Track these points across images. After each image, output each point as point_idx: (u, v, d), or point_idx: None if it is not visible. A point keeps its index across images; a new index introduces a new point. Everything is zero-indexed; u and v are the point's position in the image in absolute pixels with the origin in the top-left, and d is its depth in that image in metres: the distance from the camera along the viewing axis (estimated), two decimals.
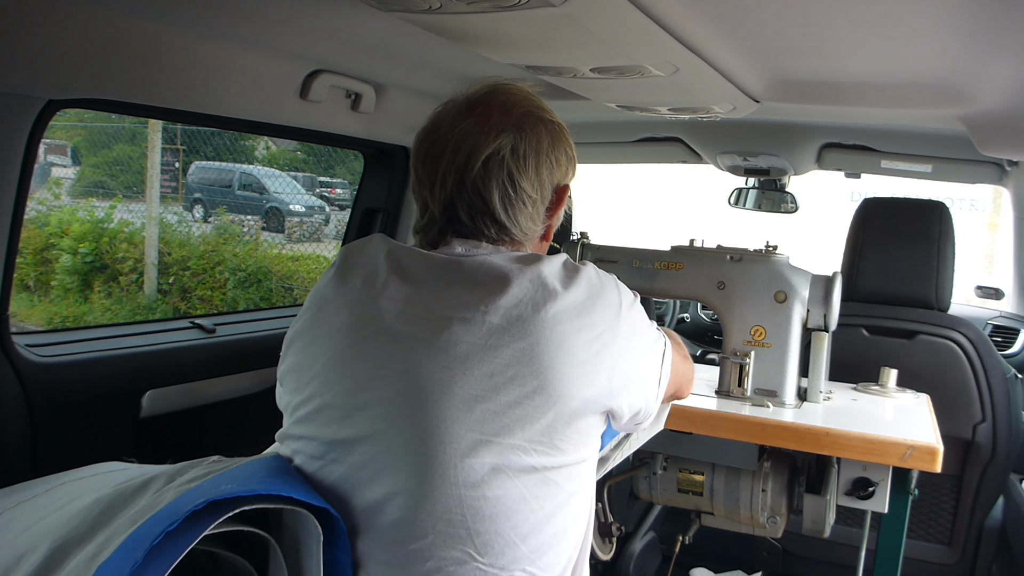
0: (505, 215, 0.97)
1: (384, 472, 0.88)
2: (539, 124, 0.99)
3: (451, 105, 1.00)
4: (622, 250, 1.69)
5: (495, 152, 0.95)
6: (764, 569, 2.31)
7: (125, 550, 0.72)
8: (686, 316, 3.18)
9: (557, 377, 0.88)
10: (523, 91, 1.02)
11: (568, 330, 0.89)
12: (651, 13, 1.14)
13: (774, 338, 1.57)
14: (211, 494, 0.77)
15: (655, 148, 2.68)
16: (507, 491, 0.87)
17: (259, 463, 0.92)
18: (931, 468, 1.34)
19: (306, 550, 0.84)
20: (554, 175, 1.01)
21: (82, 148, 9.91)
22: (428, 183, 0.98)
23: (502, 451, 0.87)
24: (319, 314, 0.97)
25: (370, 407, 0.89)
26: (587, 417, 0.92)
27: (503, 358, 0.87)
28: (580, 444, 0.92)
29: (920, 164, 2.43)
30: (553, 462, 0.90)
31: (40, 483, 0.96)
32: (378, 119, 1.99)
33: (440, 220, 0.99)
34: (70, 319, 6.61)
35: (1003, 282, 3.07)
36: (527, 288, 0.90)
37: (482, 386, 0.87)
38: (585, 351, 0.90)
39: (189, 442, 1.78)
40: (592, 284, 0.94)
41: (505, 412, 0.87)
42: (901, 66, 1.49)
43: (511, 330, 0.88)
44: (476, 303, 0.89)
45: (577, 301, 0.91)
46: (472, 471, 0.86)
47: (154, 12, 1.32)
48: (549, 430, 0.88)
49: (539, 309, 0.89)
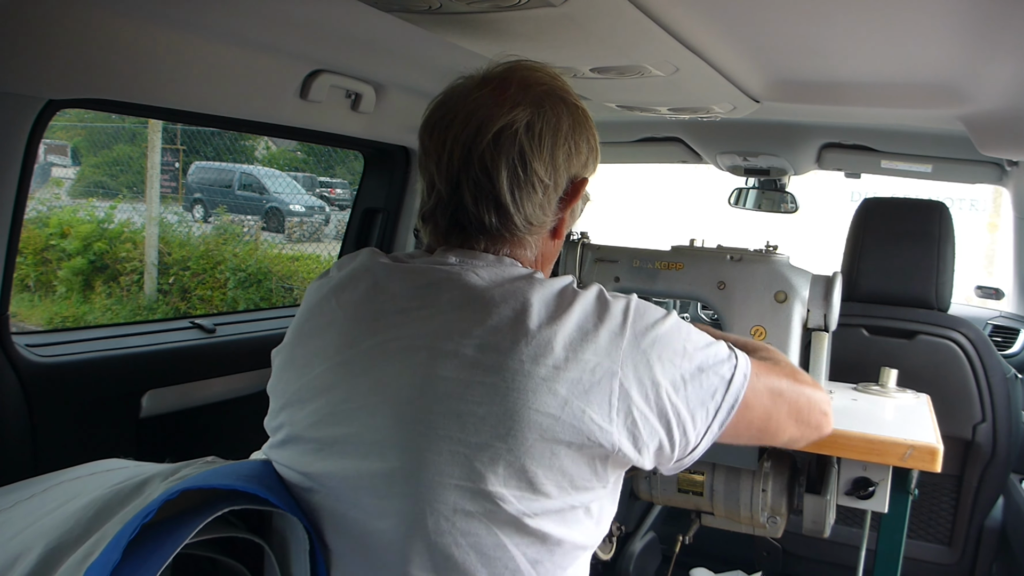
0: (510, 198, 0.87)
1: (358, 512, 0.83)
2: (560, 104, 0.91)
3: (467, 79, 0.93)
4: (622, 250, 1.69)
5: (508, 125, 0.86)
6: (764, 569, 2.31)
7: (107, 550, 0.71)
8: (686, 316, 3.19)
9: (534, 416, 0.78)
10: (548, 71, 0.94)
11: (549, 366, 0.79)
12: (651, 13, 1.14)
13: (774, 338, 1.57)
14: (185, 484, 0.77)
15: (655, 148, 2.68)
16: (483, 538, 0.80)
17: (248, 464, 0.92)
18: (931, 468, 1.34)
19: (294, 556, 0.84)
20: (572, 163, 0.91)
21: (82, 148, 9.91)
22: (435, 154, 0.90)
23: (475, 497, 0.79)
24: (298, 333, 0.93)
25: (341, 443, 0.84)
26: (575, 456, 0.81)
27: (475, 395, 0.79)
28: (570, 487, 0.82)
29: (920, 164, 2.43)
30: (536, 508, 0.81)
31: (37, 482, 0.95)
32: (378, 119, 1.99)
33: (447, 203, 0.90)
34: (70, 319, 6.61)
35: (1003, 282, 3.07)
36: (506, 320, 0.81)
37: (452, 427, 0.79)
38: (571, 388, 0.79)
39: (189, 442, 1.78)
40: (586, 312, 0.83)
41: (475, 456, 0.79)
42: (901, 66, 1.49)
43: (484, 364, 0.80)
44: (454, 332, 0.82)
45: (564, 333, 0.81)
46: (442, 518, 0.79)
47: (154, 12, 1.32)
48: (526, 474, 0.79)
49: (517, 343, 0.80)
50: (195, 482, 0.78)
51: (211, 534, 0.78)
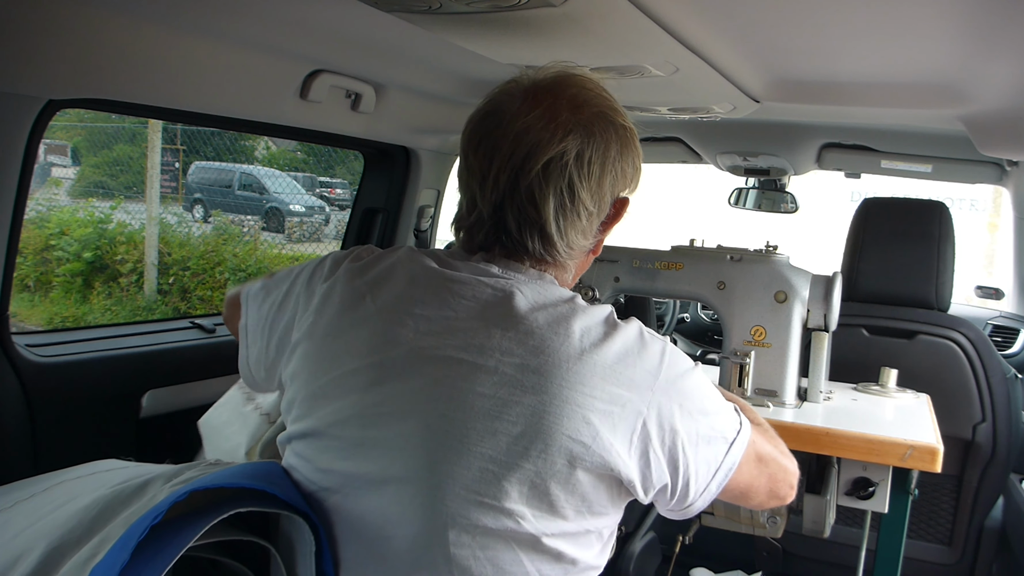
0: (555, 228, 0.87)
1: (377, 517, 0.83)
2: (610, 129, 0.89)
3: (514, 87, 0.90)
4: (622, 250, 1.69)
5: (558, 156, 0.85)
6: (764, 569, 2.31)
7: (115, 551, 0.71)
8: (686, 316, 3.19)
9: (564, 440, 0.79)
10: (598, 86, 0.92)
11: (586, 393, 0.80)
12: (651, 13, 1.14)
13: (774, 338, 1.57)
14: (194, 485, 0.77)
15: (655, 148, 2.68)
16: (501, 553, 0.81)
17: (254, 465, 0.92)
18: (931, 468, 1.34)
19: (300, 558, 0.84)
20: (616, 186, 0.91)
21: (82, 148, 9.91)
22: (479, 175, 0.88)
23: (498, 515, 0.80)
24: (328, 324, 0.89)
25: (368, 446, 0.83)
26: (595, 482, 0.83)
27: (511, 414, 0.80)
28: (587, 512, 0.84)
29: (920, 164, 2.43)
30: (554, 529, 0.82)
31: (37, 482, 0.95)
32: (378, 119, 1.99)
33: (488, 224, 0.89)
34: (70, 319, 6.61)
35: (1003, 282, 3.07)
36: (551, 340, 0.82)
37: (485, 444, 0.80)
38: (603, 419, 0.80)
39: (189, 442, 1.78)
40: (627, 347, 0.84)
41: (505, 475, 0.80)
42: (901, 66, 1.49)
43: (524, 384, 0.80)
44: (496, 349, 0.82)
45: (604, 362, 0.82)
46: (463, 532, 0.80)
47: (154, 12, 1.32)
48: (549, 496, 0.81)
49: (559, 366, 0.80)
50: (205, 482, 0.78)
51: (216, 536, 0.77)
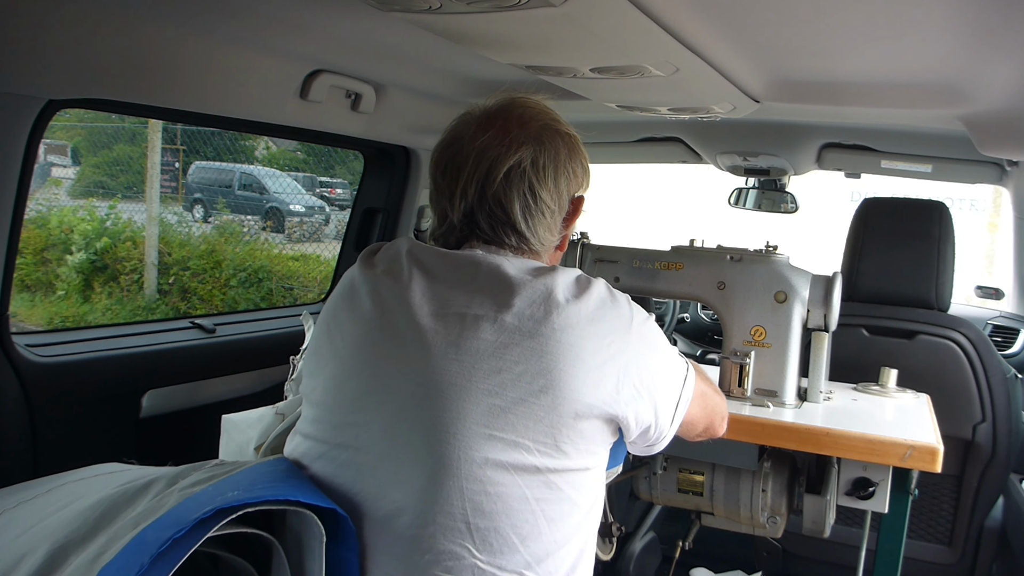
0: (525, 225, 1.00)
1: (390, 463, 0.90)
2: (556, 137, 1.03)
3: (468, 118, 1.03)
4: (622, 250, 1.69)
5: (516, 164, 0.99)
6: (764, 569, 2.31)
7: (130, 553, 0.71)
8: (686, 316, 3.18)
9: (563, 377, 0.90)
10: (539, 104, 1.06)
11: (576, 335, 0.92)
12: (651, 13, 1.14)
13: (774, 338, 1.57)
14: (218, 502, 0.77)
15: (655, 148, 2.68)
16: (508, 488, 0.89)
17: (263, 467, 0.92)
18: (931, 468, 1.34)
19: (308, 550, 0.84)
20: (571, 186, 1.05)
21: (82, 148, 9.91)
22: (448, 193, 1.01)
23: (506, 447, 0.89)
24: (342, 301, 1.00)
25: (383, 403, 0.92)
26: (591, 421, 0.93)
27: (512, 355, 0.90)
28: (584, 450, 0.94)
29: (920, 164, 2.43)
30: (556, 464, 0.91)
31: (40, 483, 0.96)
32: (378, 119, 1.99)
33: (459, 227, 1.02)
34: (70, 319, 6.61)
35: (1003, 282, 3.07)
36: (539, 295, 0.93)
37: (491, 382, 0.89)
38: (593, 357, 0.92)
39: (189, 442, 1.78)
40: (602, 297, 0.96)
41: (511, 408, 0.89)
42: (901, 66, 1.49)
43: (522, 329, 0.91)
44: (491, 303, 0.93)
45: (587, 311, 0.94)
46: (475, 464, 0.88)
47: (154, 12, 1.32)
48: (552, 430, 0.90)
49: (550, 314, 0.92)
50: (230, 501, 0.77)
51: (218, 532, 0.77)
